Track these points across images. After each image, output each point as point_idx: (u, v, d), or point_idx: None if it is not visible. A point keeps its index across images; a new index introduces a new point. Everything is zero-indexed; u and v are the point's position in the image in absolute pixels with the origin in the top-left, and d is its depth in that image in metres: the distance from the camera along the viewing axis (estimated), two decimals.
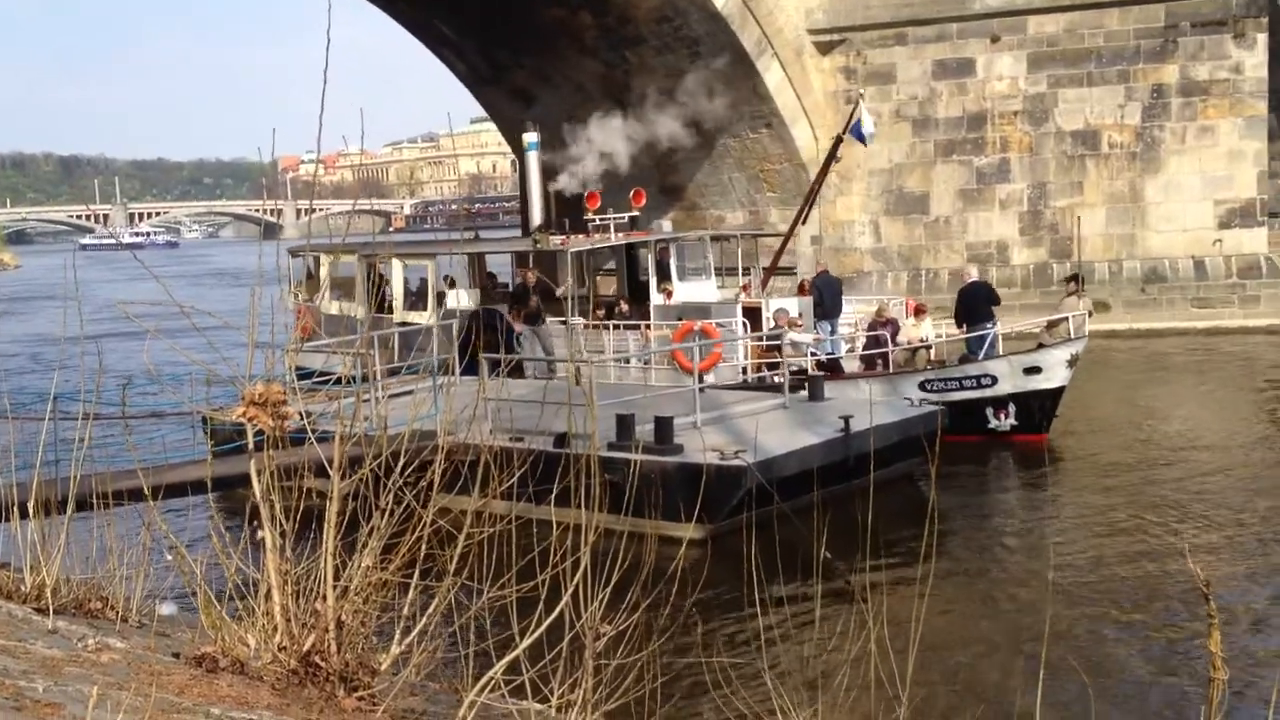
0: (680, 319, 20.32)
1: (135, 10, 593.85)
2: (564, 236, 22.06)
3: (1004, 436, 18.97)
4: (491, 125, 59.01)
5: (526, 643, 4.77)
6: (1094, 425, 20.50)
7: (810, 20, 33.26)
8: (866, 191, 33.50)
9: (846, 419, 14.87)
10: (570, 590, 4.84)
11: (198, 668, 4.51)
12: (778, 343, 19.24)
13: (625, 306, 21.87)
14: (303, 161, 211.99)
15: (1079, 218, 28.39)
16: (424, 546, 4.84)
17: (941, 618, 11.14)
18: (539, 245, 21.70)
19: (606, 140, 26.12)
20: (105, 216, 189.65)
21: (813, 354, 20.12)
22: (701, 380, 16.91)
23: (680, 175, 35.45)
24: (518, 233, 43.48)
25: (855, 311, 22.58)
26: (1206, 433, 20.14)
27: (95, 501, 6.05)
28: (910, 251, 33.32)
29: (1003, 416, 19.02)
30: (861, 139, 22.90)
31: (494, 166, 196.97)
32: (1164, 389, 24.19)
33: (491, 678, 4.68)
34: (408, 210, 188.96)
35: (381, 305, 22.88)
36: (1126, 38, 31.68)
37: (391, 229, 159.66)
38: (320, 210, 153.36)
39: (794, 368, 19.17)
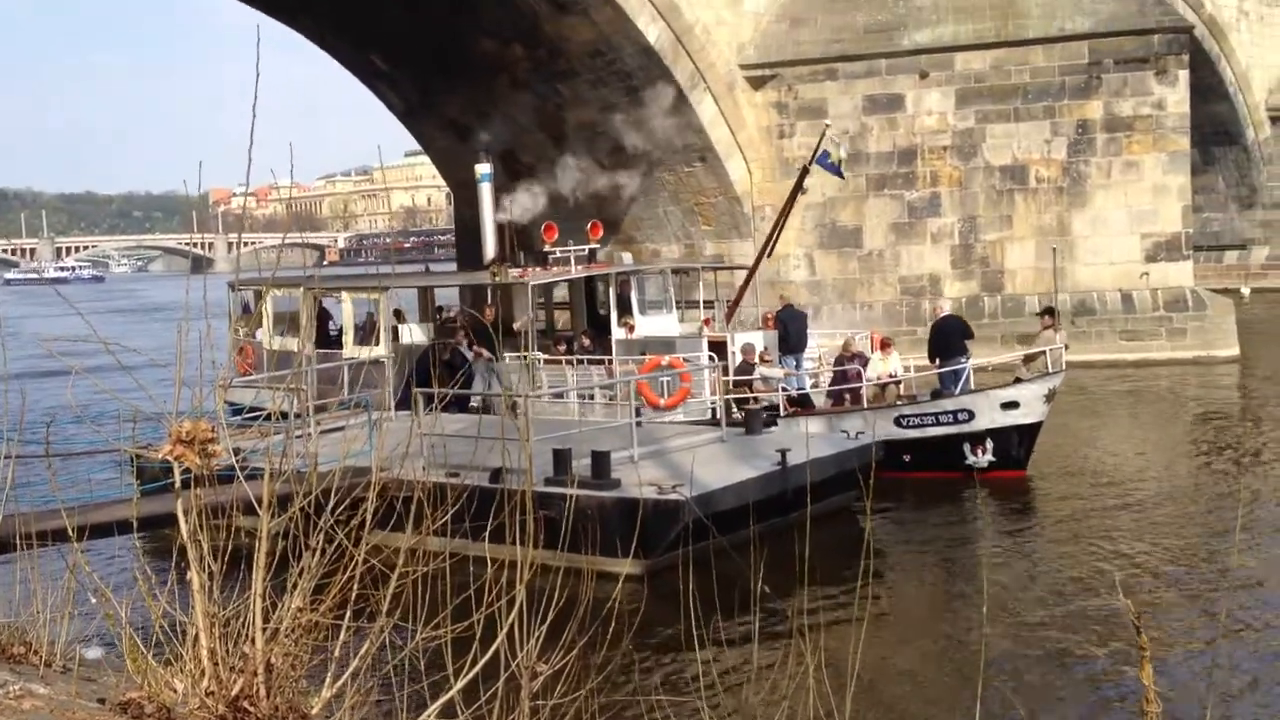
0: (644, 353, 19.97)
1: (62, 40, 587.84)
2: (521, 269, 21.59)
3: (982, 473, 18.61)
4: (425, 158, 58.85)
5: (461, 683, 4.69)
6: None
7: (742, 55, 33.56)
8: (801, 225, 33.73)
9: (783, 452, 14.89)
10: (505, 629, 4.77)
11: (123, 714, 4.38)
12: (748, 378, 19.04)
13: (588, 341, 21.31)
14: (234, 194, 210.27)
15: (1055, 249, 28.47)
16: (356, 586, 4.75)
17: (879, 650, 11.15)
18: (497, 278, 21.10)
19: (561, 177, 26.00)
20: (31, 251, 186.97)
21: (783, 389, 19.87)
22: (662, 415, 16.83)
23: (616, 208, 35.56)
24: (453, 266, 43.28)
25: (818, 345, 22.38)
26: (1141, 464, 20.38)
27: (18, 542, 5.89)
28: (844, 285, 33.59)
29: (980, 452, 18.75)
30: (835, 171, 22.52)
31: (429, 200, 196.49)
32: (1097, 420, 24.49)
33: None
34: (342, 243, 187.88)
35: (326, 340, 22.45)
36: (1051, 74, 32.24)
37: (326, 262, 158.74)
38: (252, 244, 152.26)
39: (765, 403, 18.98)
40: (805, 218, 33.72)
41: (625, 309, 21.34)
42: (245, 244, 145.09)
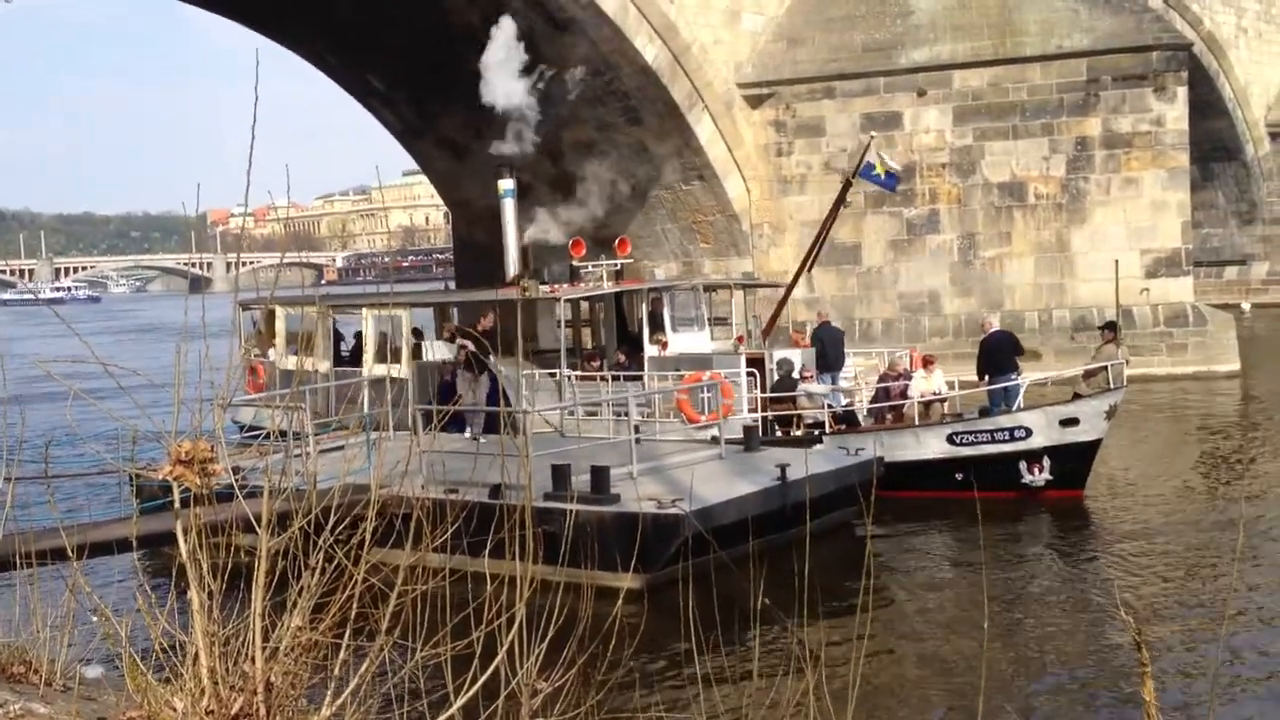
0: (678, 370, 19.56)
1: (58, 62, 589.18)
2: (551, 285, 21.11)
3: (1038, 493, 18.09)
4: (423, 178, 58.96)
5: (461, 701, 4.68)
6: None
7: (739, 74, 33.64)
8: (799, 243, 33.69)
9: (783, 467, 14.88)
10: (505, 646, 4.76)
11: None
12: (791, 394, 18.71)
13: (623, 358, 20.79)
14: (232, 215, 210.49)
15: (1117, 261, 27.80)
16: (356, 604, 4.74)
17: (880, 666, 11.13)
18: (526, 293, 20.31)
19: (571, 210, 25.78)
20: (30, 271, 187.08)
21: (828, 405, 19.33)
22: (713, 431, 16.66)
23: (613, 227, 35.54)
24: (453, 285, 43.26)
25: (853, 364, 21.84)
26: (1144, 481, 20.29)
27: (18, 561, 5.88)
28: (843, 302, 33.59)
29: (1037, 471, 18.04)
30: (880, 183, 21.88)
31: (427, 219, 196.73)
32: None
33: None
34: (340, 263, 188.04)
35: (340, 359, 22.08)
36: (1049, 91, 32.30)
37: (324, 281, 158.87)
38: (250, 264, 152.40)
39: (809, 420, 18.66)
40: (803, 235, 33.67)
41: (658, 326, 20.90)
42: (244, 264, 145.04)
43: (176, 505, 4.75)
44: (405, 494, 5.52)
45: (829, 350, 20.91)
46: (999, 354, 19.74)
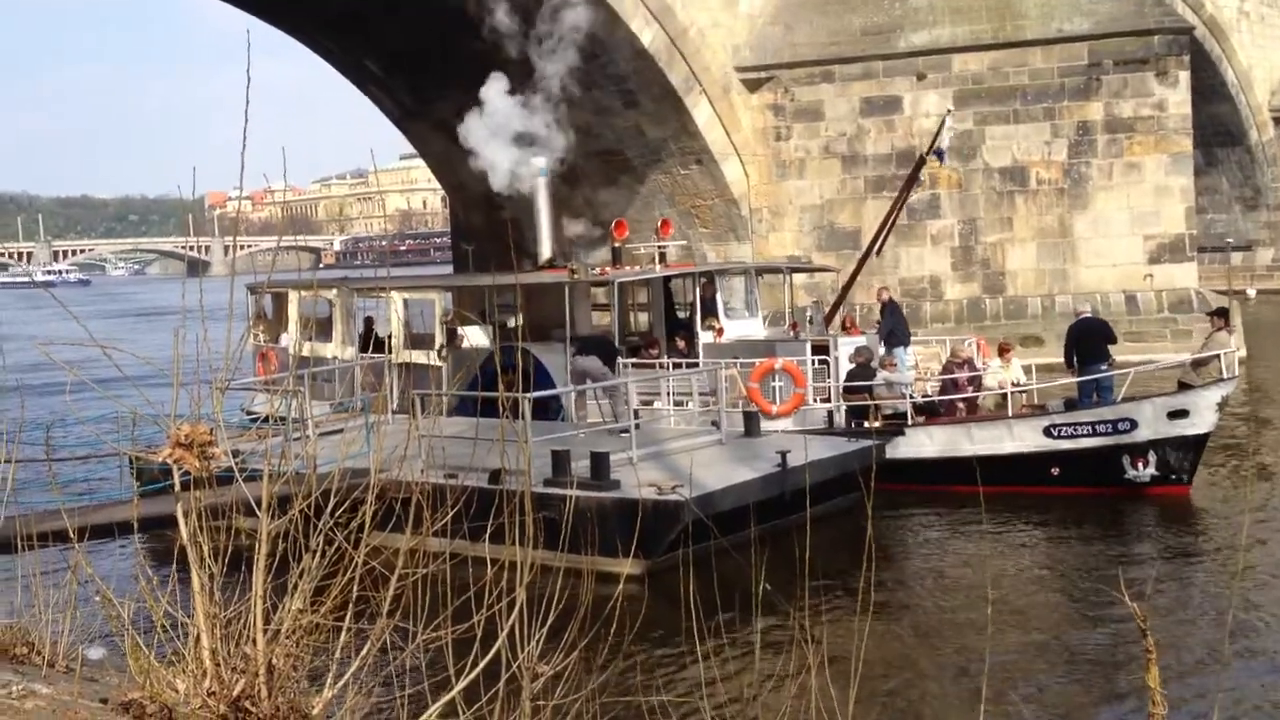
0: (736, 358, 18.75)
1: (56, 44, 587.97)
2: (600, 268, 20.61)
3: (1142, 489, 17.17)
4: (420, 161, 58.84)
5: (462, 684, 4.68)
6: None
7: (738, 58, 33.53)
8: (799, 227, 33.73)
9: (783, 454, 14.88)
10: (506, 630, 4.76)
11: (125, 714, 4.38)
12: (868, 384, 18.08)
13: (682, 344, 19.89)
14: (230, 198, 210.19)
15: (1249, 243, 26.78)
16: (356, 587, 4.74)
17: (882, 651, 11.14)
18: (575, 275, 19.59)
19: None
20: (29, 255, 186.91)
21: (909, 396, 18.27)
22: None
23: (611, 211, 35.53)
24: (450, 269, 43.13)
25: (914, 353, 21.04)
26: None
27: (19, 543, 5.88)
28: (840, 286, 33.51)
29: (1141, 466, 17.08)
30: (940, 155, 21.37)
31: (424, 203, 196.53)
32: None
33: None
34: (338, 246, 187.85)
35: (364, 345, 21.39)
36: (1050, 75, 32.21)
37: (322, 265, 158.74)
38: (247, 247, 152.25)
39: (888, 411, 18.02)
40: (803, 219, 33.72)
41: (710, 311, 20.38)
42: (241, 247, 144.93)
43: (177, 488, 4.75)
44: (405, 478, 5.51)
45: (898, 329, 20.31)
46: (1089, 341, 18.84)
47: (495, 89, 23.22)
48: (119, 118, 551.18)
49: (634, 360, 19.53)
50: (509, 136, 22.75)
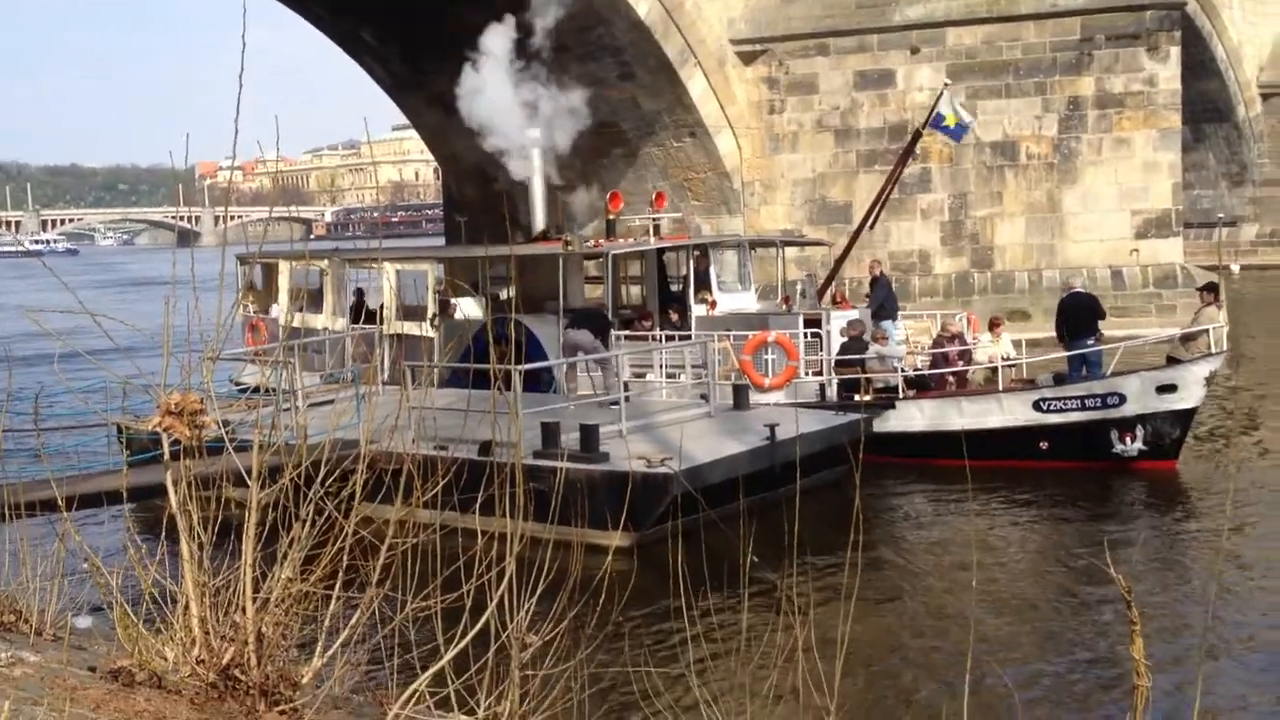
0: (729, 330, 18.86)
1: (45, 12, 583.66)
2: (595, 239, 20.49)
3: (1129, 463, 17.25)
4: (413, 133, 58.57)
5: (451, 654, 4.70)
6: None
7: (733, 30, 33.45)
8: (790, 201, 33.71)
9: (772, 427, 14.91)
10: (495, 600, 4.78)
11: (114, 682, 4.39)
12: (859, 357, 18.11)
13: (675, 316, 19.84)
14: (221, 168, 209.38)
15: (1234, 218, 26.35)
16: (346, 557, 4.76)
17: (869, 625, 11.20)
18: (570, 247, 19.48)
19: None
20: (17, 224, 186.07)
21: (899, 368, 18.32)
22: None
23: (604, 183, 35.46)
24: (442, 241, 42.96)
25: (904, 327, 21.07)
26: None
27: (7, 512, 5.89)
28: (832, 260, 33.52)
29: (1129, 440, 17.16)
30: (949, 133, 20.99)
31: (416, 174, 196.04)
32: None
33: (416, 690, 4.61)
34: (329, 217, 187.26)
35: (355, 317, 21.18)
36: (1043, 50, 32.18)
37: (313, 236, 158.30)
38: (238, 217, 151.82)
39: (880, 384, 18.03)
40: (795, 193, 33.69)
41: (704, 284, 20.34)
42: (232, 217, 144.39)
43: (166, 456, 4.76)
44: (395, 449, 5.51)
45: (888, 302, 20.47)
46: (1077, 315, 19.06)
47: (497, 39, 23.06)
48: (109, 85, 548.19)
49: (627, 333, 19.52)
50: (509, 95, 22.56)
